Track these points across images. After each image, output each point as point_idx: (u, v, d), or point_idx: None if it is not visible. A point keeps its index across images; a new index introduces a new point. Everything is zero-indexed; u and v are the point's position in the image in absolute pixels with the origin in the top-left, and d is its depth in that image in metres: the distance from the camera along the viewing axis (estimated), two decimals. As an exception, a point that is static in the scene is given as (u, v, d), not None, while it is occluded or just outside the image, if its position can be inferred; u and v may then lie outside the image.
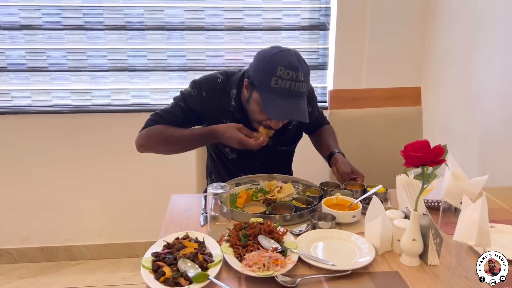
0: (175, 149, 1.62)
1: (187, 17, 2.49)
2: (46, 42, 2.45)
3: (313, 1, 2.55)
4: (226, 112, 1.61)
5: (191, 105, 1.60)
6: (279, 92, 1.40)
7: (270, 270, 1.06)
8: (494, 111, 2.03)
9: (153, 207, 2.29)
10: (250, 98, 1.50)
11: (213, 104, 1.60)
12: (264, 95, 1.42)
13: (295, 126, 1.73)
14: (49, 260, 2.74)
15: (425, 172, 1.10)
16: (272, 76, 1.38)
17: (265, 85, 1.41)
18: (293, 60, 1.39)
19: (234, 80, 1.60)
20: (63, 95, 2.53)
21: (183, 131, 1.59)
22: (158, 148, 1.61)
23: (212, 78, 1.63)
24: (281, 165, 1.83)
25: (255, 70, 1.45)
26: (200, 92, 1.60)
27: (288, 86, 1.39)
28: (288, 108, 1.42)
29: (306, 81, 1.43)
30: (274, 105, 1.41)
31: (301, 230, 1.31)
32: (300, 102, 1.45)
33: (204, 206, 1.48)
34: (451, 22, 2.36)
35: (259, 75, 1.42)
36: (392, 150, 1.45)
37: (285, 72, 1.38)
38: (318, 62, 2.66)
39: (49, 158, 2.58)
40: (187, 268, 1.06)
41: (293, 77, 1.38)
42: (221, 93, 1.60)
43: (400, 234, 1.17)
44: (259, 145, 1.49)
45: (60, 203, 2.66)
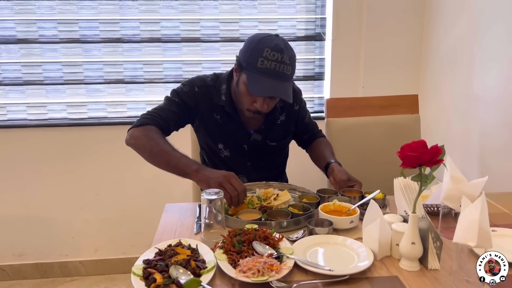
0: (155, 161, 1.54)
1: (183, 29, 2.50)
2: (42, 55, 2.45)
3: (308, 12, 2.56)
4: (217, 108, 1.66)
5: (185, 100, 1.64)
6: (264, 72, 1.46)
7: (265, 276, 1.02)
8: (492, 118, 2.01)
9: (150, 221, 2.24)
10: (239, 81, 1.56)
11: (205, 99, 1.65)
12: (250, 75, 1.48)
13: (283, 122, 1.75)
14: (44, 277, 2.68)
15: (423, 172, 1.07)
16: (258, 57, 1.45)
17: (251, 65, 1.47)
18: (279, 44, 1.47)
19: (223, 77, 1.68)
20: (58, 108, 2.52)
21: (172, 151, 1.52)
22: (143, 151, 1.55)
23: (202, 77, 1.70)
24: (274, 165, 1.82)
25: (244, 52, 1.52)
26: (192, 87, 1.65)
27: (273, 66, 1.45)
28: (272, 86, 1.48)
29: (291, 65, 1.49)
30: (259, 83, 1.47)
31: (298, 237, 1.27)
32: (284, 84, 1.50)
33: (198, 215, 1.45)
34: (447, 31, 2.36)
35: (247, 57, 1.49)
36: (390, 159, 1.43)
37: (271, 53, 1.45)
38: (314, 72, 2.65)
39: (44, 172, 2.55)
40: (179, 275, 1.02)
41: (278, 59, 1.45)
42: (211, 89, 1.66)
43: (399, 238, 1.14)
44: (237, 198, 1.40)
45: (55, 218, 2.62)
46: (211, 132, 1.69)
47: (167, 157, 1.50)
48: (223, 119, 1.67)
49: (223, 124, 1.67)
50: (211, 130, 1.69)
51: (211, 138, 1.70)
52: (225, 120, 1.67)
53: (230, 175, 1.42)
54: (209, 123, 1.67)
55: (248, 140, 1.70)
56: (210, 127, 1.68)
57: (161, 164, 1.53)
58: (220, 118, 1.67)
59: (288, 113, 1.76)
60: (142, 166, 2.57)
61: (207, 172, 1.45)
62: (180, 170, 1.49)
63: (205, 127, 1.69)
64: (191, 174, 1.47)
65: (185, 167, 1.48)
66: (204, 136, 1.73)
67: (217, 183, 1.39)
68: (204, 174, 1.44)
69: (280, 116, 1.74)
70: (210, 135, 1.70)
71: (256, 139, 1.70)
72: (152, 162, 1.54)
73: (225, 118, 1.66)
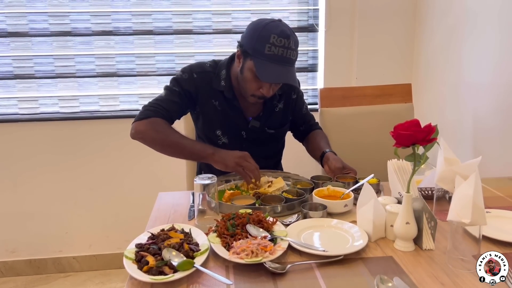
0: (168, 151, 1.59)
1: (175, 21, 2.48)
2: (33, 49, 2.42)
3: (301, 3, 2.56)
4: (216, 94, 1.66)
5: (186, 88, 1.63)
6: (272, 58, 1.46)
7: (259, 257, 1.01)
8: (485, 105, 2.01)
9: (145, 216, 2.23)
10: (244, 67, 1.55)
11: (205, 84, 1.65)
12: (257, 62, 1.48)
13: (281, 109, 1.75)
14: (38, 273, 2.66)
15: (416, 152, 1.07)
16: (265, 43, 1.45)
17: (259, 52, 1.47)
18: (285, 29, 1.48)
19: (223, 63, 1.67)
20: (50, 102, 2.50)
21: (183, 139, 1.59)
22: (154, 144, 1.58)
23: (201, 63, 1.70)
24: (271, 154, 1.82)
25: (249, 39, 1.51)
26: (191, 74, 1.65)
27: (280, 52, 1.45)
28: (281, 73, 1.49)
29: (296, 50, 1.51)
30: (267, 70, 1.47)
31: (291, 221, 1.26)
32: (290, 69, 1.52)
33: (192, 202, 1.44)
34: (440, 19, 2.36)
35: (253, 43, 1.48)
36: (384, 147, 1.43)
37: (278, 39, 1.44)
38: (308, 64, 2.65)
39: (36, 167, 2.53)
40: (171, 257, 1.01)
41: (285, 45, 1.45)
42: (211, 75, 1.66)
43: (393, 219, 1.13)
44: (256, 172, 1.50)
45: (48, 213, 2.60)
46: (210, 119, 1.69)
47: (180, 146, 1.56)
48: (222, 105, 1.66)
49: (221, 110, 1.67)
50: (210, 117, 1.68)
51: (209, 124, 1.70)
52: (223, 106, 1.66)
53: (245, 154, 1.51)
54: (208, 109, 1.67)
55: (246, 127, 1.70)
56: (208, 113, 1.68)
57: (175, 154, 1.60)
58: (219, 104, 1.66)
59: (286, 101, 1.77)
60: (136, 160, 2.59)
61: (223, 153, 1.52)
62: (196, 156, 1.60)
63: (203, 113, 1.69)
64: (207, 158, 1.53)
65: (200, 152, 1.55)
66: (202, 124, 1.72)
67: (233, 162, 1.48)
68: (220, 156, 1.51)
69: (278, 103, 1.74)
70: (209, 121, 1.70)
71: (255, 125, 1.70)
72: (165, 153, 1.59)
73: (224, 104, 1.66)
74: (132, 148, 2.08)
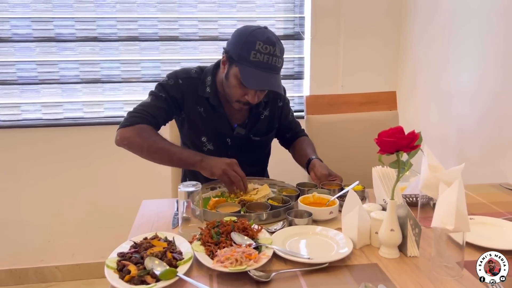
0: (155, 158, 1.56)
1: (161, 28, 2.47)
2: (16, 54, 2.39)
3: (287, 11, 2.57)
4: (201, 100, 1.65)
5: (172, 93, 1.62)
6: (257, 65, 1.46)
7: (243, 265, 1.00)
8: (468, 112, 2.04)
9: (129, 224, 2.20)
10: (229, 73, 1.54)
11: (190, 91, 1.64)
12: (243, 68, 1.48)
13: (267, 117, 1.75)
14: (19, 283, 2.59)
15: (400, 158, 1.07)
16: (251, 50, 1.45)
17: (244, 59, 1.47)
18: (271, 36, 1.48)
19: (208, 70, 1.67)
20: (33, 108, 2.46)
21: (171, 145, 1.56)
22: (141, 150, 1.54)
23: (187, 69, 1.69)
24: (256, 161, 1.81)
25: (234, 45, 1.50)
26: (177, 80, 1.64)
27: (266, 59, 1.45)
28: (266, 80, 1.49)
29: (281, 57, 1.51)
30: (252, 76, 1.47)
31: (277, 228, 1.25)
32: (276, 76, 1.52)
33: (176, 209, 1.42)
34: (424, 27, 2.40)
35: (238, 49, 1.48)
36: (369, 155, 1.43)
37: (263, 46, 1.45)
38: (294, 71, 2.65)
39: (18, 174, 2.48)
40: (154, 266, 0.99)
41: (270, 52, 1.45)
42: (196, 81, 1.65)
43: (378, 226, 1.13)
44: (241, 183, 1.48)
45: (30, 221, 2.54)
46: (195, 125, 1.67)
47: (167, 153, 1.53)
48: (207, 112, 1.65)
49: (207, 117, 1.66)
50: (195, 123, 1.67)
51: (195, 131, 1.68)
52: (208, 112, 1.65)
53: (232, 162, 1.48)
54: (193, 115, 1.66)
55: (231, 134, 1.69)
56: (194, 119, 1.67)
57: (162, 161, 1.57)
58: (204, 111, 1.65)
59: (272, 109, 1.76)
60: (120, 167, 2.55)
61: (211, 160, 1.50)
62: (184, 163, 1.56)
63: (189, 120, 1.67)
64: (195, 165, 1.51)
65: (189, 159, 1.52)
66: (188, 130, 1.70)
67: (220, 170, 1.45)
68: (208, 163, 1.49)
69: (264, 111, 1.74)
70: (194, 128, 1.68)
71: (240, 133, 1.69)
72: (152, 160, 1.56)
73: (209, 110, 1.65)
74: (116, 155, 2.06)
